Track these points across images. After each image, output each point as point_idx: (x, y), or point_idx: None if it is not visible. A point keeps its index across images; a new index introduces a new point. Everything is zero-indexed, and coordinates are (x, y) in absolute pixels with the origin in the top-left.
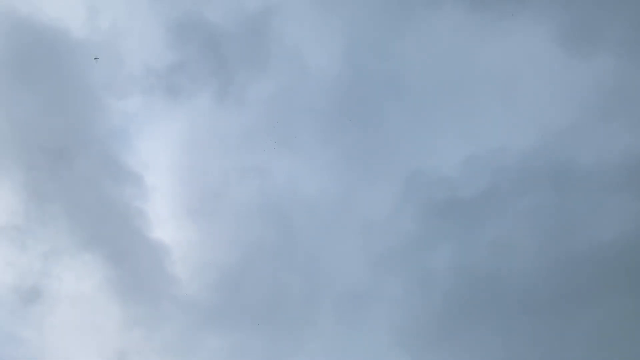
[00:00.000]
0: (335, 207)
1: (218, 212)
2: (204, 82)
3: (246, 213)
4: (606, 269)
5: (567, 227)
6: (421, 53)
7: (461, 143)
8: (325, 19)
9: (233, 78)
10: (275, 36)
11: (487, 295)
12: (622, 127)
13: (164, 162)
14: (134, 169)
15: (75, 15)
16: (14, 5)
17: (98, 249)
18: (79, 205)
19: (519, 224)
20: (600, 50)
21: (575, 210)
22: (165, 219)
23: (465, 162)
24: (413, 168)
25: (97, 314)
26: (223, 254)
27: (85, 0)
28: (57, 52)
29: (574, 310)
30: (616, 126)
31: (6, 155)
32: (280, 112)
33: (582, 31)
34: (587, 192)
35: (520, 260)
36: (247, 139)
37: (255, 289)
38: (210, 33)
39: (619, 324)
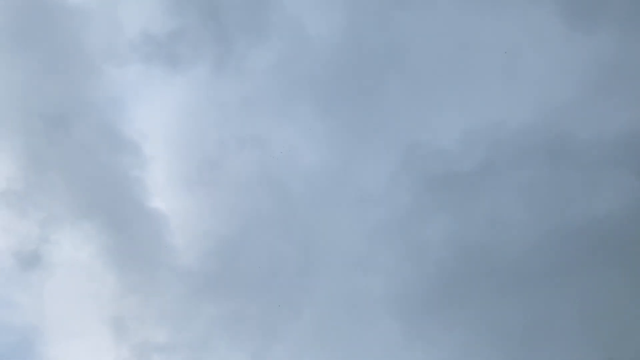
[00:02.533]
0: (332, 178)
1: (216, 181)
2: (203, 51)
3: (244, 183)
4: (600, 243)
5: (563, 201)
6: (422, 25)
7: (459, 116)
8: None
9: (233, 47)
10: (276, 5)
11: (481, 267)
12: (622, 103)
13: (162, 131)
14: (132, 137)
15: None
16: None
17: (96, 217)
18: (77, 173)
19: (515, 197)
20: (602, 25)
21: (572, 184)
22: (163, 188)
23: (463, 135)
24: (411, 140)
25: (95, 281)
26: (220, 224)
27: None
28: (54, 18)
29: (567, 283)
30: (616, 101)
31: (5, 121)
32: (279, 81)
33: (585, 5)
34: (584, 167)
35: (515, 233)
36: (246, 108)
37: (252, 258)
38: (210, 0)
39: (611, 297)
